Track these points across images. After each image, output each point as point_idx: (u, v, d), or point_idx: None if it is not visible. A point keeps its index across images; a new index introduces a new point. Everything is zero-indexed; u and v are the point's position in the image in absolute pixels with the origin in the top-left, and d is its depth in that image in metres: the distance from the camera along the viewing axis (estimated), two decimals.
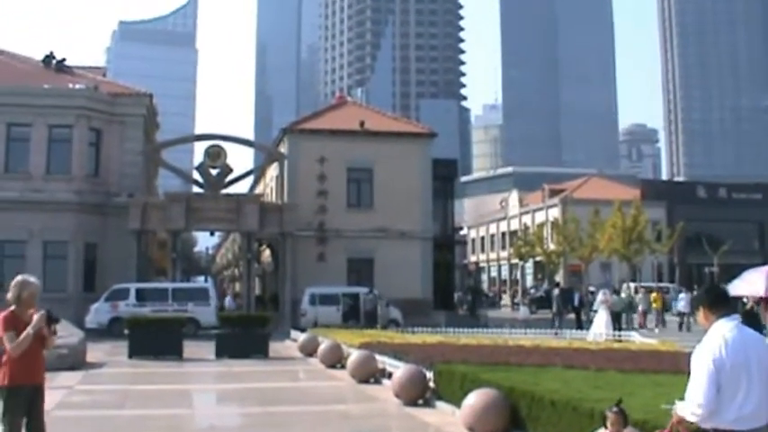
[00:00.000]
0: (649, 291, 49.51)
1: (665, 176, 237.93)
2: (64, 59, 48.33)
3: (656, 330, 40.61)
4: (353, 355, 20.28)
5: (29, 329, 7.79)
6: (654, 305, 45.85)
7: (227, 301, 52.15)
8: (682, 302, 43.89)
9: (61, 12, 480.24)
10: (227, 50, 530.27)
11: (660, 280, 65.75)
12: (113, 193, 43.08)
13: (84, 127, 42.51)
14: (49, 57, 48.22)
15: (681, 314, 43.31)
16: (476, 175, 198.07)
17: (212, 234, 61.99)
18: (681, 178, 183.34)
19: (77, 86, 43.85)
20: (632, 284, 55.47)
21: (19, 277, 8.21)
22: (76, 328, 26.68)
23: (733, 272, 27.67)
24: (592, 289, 52.76)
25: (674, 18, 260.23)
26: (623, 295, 43.46)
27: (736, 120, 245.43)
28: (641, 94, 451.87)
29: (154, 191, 56.00)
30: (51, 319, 8.01)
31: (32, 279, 8.25)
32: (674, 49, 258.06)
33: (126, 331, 26.57)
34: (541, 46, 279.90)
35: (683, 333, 38.53)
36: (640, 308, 45.40)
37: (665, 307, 48.60)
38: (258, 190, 60.44)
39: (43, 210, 41.09)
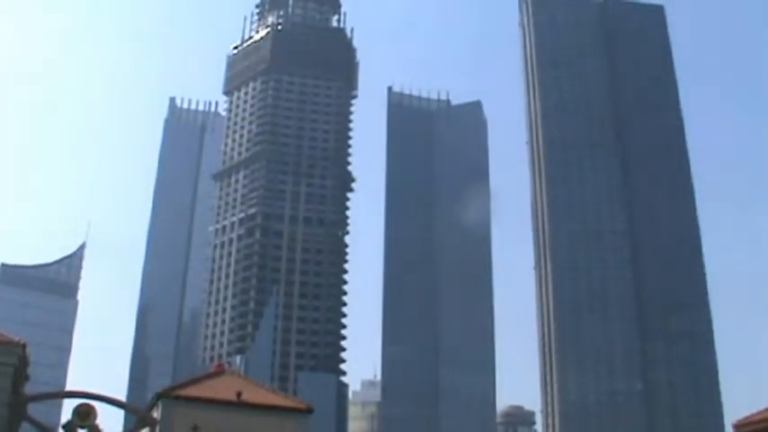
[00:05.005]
0: None
1: None
2: None
3: None
4: None
5: None
6: None
7: None
8: None
9: None
10: (109, 306, 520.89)
11: None
12: None
13: None
14: None
15: None
16: None
17: None
18: None
19: None
20: None
21: None
22: None
23: None
24: None
25: (551, 294, 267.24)
26: None
27: (611, 403, 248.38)
28: (519, 375, 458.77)
29: None
30: None
31: None
32: (552, 333, 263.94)
33: None
34: (422, 325, 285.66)
35: None
36: None
37: None
38: None
39: None
